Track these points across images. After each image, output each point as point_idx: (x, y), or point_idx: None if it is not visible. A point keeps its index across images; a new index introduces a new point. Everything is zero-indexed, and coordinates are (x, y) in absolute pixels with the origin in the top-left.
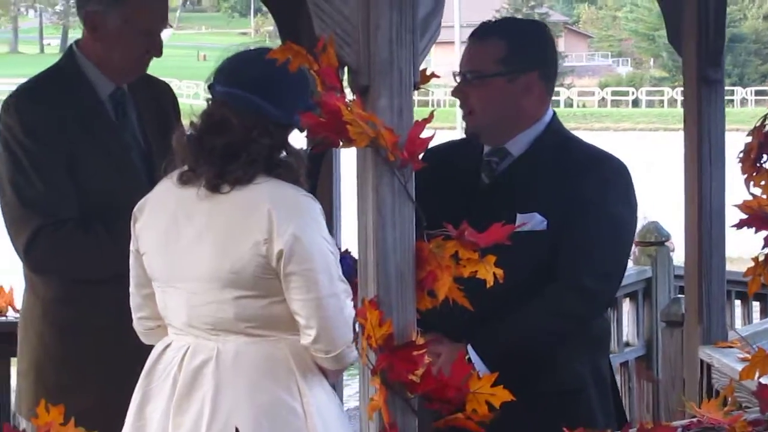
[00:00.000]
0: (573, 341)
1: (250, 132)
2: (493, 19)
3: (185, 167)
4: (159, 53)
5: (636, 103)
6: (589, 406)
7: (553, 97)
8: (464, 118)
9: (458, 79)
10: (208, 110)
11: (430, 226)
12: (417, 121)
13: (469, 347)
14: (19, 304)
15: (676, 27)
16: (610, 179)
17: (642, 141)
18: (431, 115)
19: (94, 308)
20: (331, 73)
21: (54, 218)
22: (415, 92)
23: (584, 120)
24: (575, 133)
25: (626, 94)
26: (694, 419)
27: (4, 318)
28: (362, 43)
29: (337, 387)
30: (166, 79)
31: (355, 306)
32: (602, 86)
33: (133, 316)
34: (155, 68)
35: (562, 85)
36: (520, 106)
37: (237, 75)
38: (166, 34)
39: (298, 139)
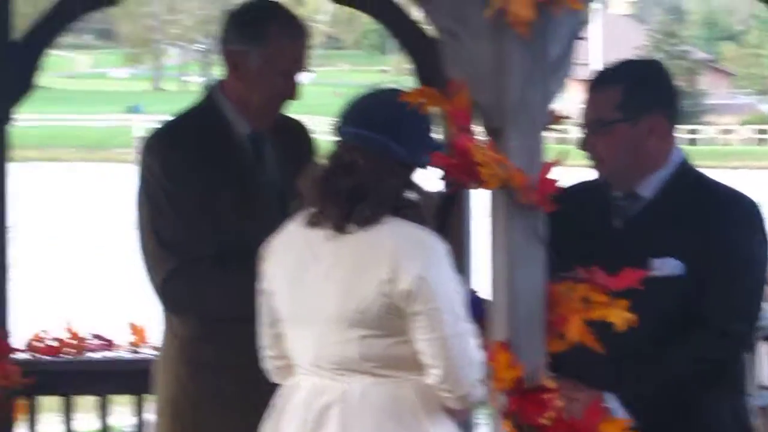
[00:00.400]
0: (714, 384)
1: (378, 173)
2: (610, 65)
3: (313, 209)
4: (294, 96)
5: None
6: None
7: (693, 136)
8: (593, 167)
9: (582, 130)
10: (335, 152)
11: (561, 268)
12: (547, 162)
13: (609, 395)
14: (152, 341)
15: None
16: (745, 219)
17: None
18: (561, 156)
19: (231, 347)
20: (463, 114)
21: (189, 258)
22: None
23: (725, 158)
24: (713, 171)
25: None
26: None
27: (141, 355)
28: (494, 85)
29: (469, 427)
30: (305, 117)
31: (484, 347)
32: (744, 124)
33: (263, 354)
34: (296, 106)
35: (702, 123)
36: (645, 148)
37: (364, 116)
38: (305, 78)
39: (432, 180)
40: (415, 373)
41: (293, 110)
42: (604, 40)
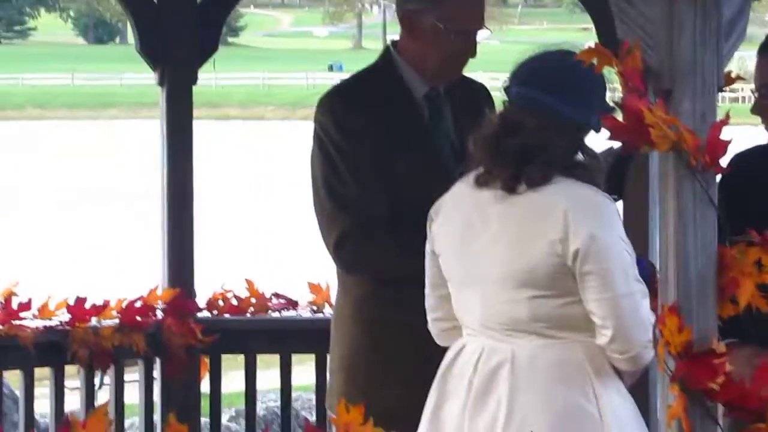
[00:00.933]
0: None
1: (546, 133)
2: None
3: (481, 169)
4: (473, 54)
5: None
6: None
7: None
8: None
9: (755, 95)
10: (503, 112)
11: (739, 232)
12: (715, 122)
13: None
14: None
15: None
16: None
17: None
18: (727, 115)
19: (403, 307)
20: (635, 75)
21: (364, 218)
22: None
23: None
24: None
25: None
26: None
27: (321, 315)
28: (665, 46)
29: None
30: (501, 75)
31: (653, 310)
32: None
33: (428, 317)
34: (495, 64)
35: None
36: None
37: (532, 76)
38: (482, 35)
39: (608, 142)
40: (585, 334)
41: (490, 69)
42: None
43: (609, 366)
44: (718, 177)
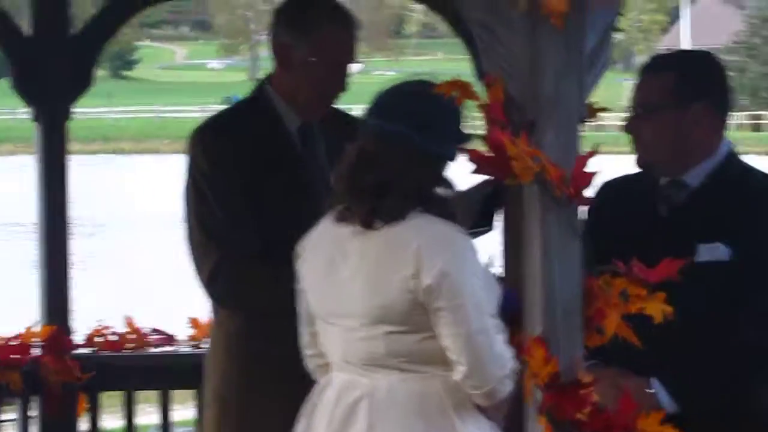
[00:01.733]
0: (760, 370)
1: (402, 166)
2: (665, 53)
3: (341, 204)
4: (345, 88)
5: None
6: None
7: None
8: (636, 151)
9: (628, 113)
10: (359, 145)
11: (606, 261)
12: (582, 155)
13: (655, 381)
14: None
15: None
16: None
17: None
18: (595, 149)
19: (277, 341)
20: (498, 107)
21: (235, 251)
22: None
23: None
24: None
25: None
26: None
27: (200, 350)
28: (528, 78)
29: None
30: None
31: (520, 343)
32: None
33: (304, 353)
34: None
35: None
36: (691, 137)
37: (388, 109)
38: (355, 68)
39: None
40: (444, 368)
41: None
42: (699, 26)
43: (469, 401)
44: (585, 207)
